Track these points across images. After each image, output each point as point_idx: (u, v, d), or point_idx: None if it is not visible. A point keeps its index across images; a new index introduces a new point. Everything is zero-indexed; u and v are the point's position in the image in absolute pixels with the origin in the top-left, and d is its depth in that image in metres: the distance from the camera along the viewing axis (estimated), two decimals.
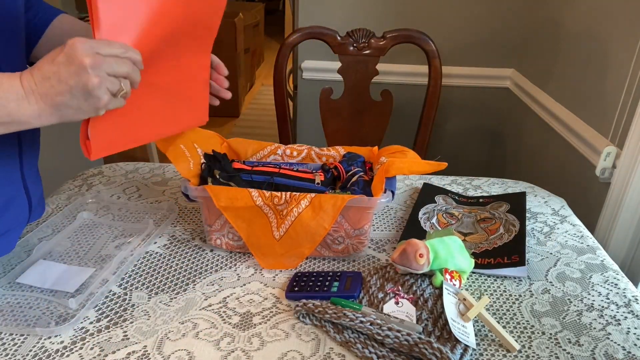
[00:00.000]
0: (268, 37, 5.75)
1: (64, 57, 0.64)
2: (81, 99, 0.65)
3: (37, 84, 0.65)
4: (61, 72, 0.64)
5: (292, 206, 0.87)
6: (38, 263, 0.89)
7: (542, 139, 1.70)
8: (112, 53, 0.66)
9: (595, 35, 1.40)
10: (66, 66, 0.64)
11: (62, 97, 0.65)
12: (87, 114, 0.67)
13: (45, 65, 0.65)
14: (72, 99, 0.65)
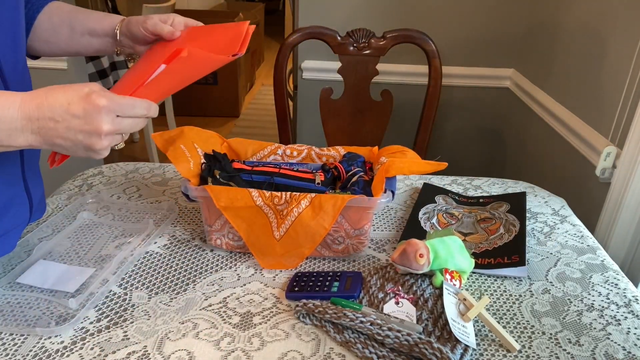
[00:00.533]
0: (268, 37, 5.75)
1: (83, 113, 0.62)
2: (80, 150, 0.65)
3: (40, 119, 0.62)
4: (73, 125, 0.62)
5: (292, 206, 0.87)
6: (38, 263, 0.89)
7: (542, 139, 1.70)
8: (134, 115, 0.66)
9: (595, 35, 1.40)
10: (81, 124, 0.62)
11: (62, 142, 0.64)
12: (78, 155, 0.67)
13: (58, 107, 0.62)
14: (72, 147, 0.64)
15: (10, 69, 0.78)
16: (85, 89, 0.64)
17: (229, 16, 4.06)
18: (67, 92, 0.63)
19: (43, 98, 0.62)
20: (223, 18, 3.99)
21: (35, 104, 0.62)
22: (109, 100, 0.63)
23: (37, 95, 0.63)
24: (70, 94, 0.63)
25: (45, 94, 0.63)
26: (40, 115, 0.62)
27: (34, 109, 0.62)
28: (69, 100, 0.62)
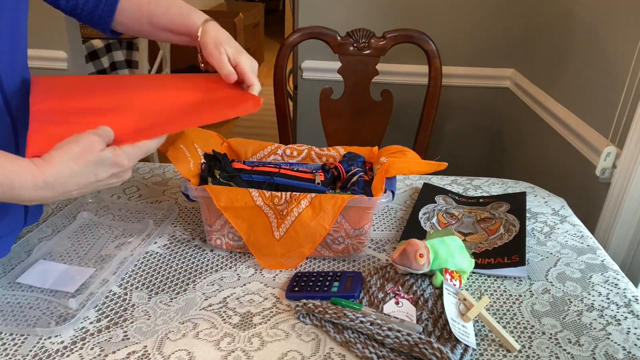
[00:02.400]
0: (268, 37, 5.74)
1: (109, 176, 0.68)
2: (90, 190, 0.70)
3: (64, 193, 0.66)
4: (104, 183, 0.69)
5: (292, 206, 0.87)
6: (38, 263, 0.89)
7: (542, 139, 1.70)
8: (144, 148, 0.70)
9: (595, 35, 1.40)
10: (113, 177, 0.69)
11: (77, 193, 0.68)
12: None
13: (85, 183, 0.66)
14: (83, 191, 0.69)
15: (8, 75, 0.77)
16: (107, 162, 0.67)
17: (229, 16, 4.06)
18: (87, 167, 0.66)
19: (65, 178, 0.65)
20: (223, 18, 3.99)
21: (60, 183, 0.65)
22: (133, 156, 0.69)
23: (59, 176, 0.65)
24: (93, 168, 0.66)
25: (65, 172, 0.65)
26: (65, 190, 0.66)
27: (57, 187, 0.65)
28: (95, 173, 0.67)
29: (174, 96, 0.84)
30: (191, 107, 0.81)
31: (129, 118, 0.76)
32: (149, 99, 0.82)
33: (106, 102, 0.80)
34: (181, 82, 0.89)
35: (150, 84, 0.89)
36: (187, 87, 0.87)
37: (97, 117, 0.75)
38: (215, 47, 0.86)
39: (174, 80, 0.92)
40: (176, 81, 0.90)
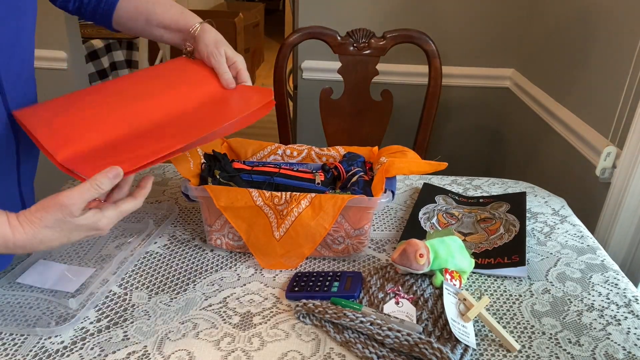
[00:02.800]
0: (268, 37, 5.75)
1: (83, 236, 0.68)
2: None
3: (34, 236, 0.65)
4: (77, 241, 0.70)
5: (292, 206, 0.87)
6: (38, 263, 0.89)
7: (542, 139, 1.70)
8: (126, 212, 0.71)
9: (595, 35, 1.40)
10: (88, 237, 0.69)
11: (55, 244, 0.68)
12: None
13: (55, 242, 0.66)
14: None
15: (11, 80, 0.77)
16: (84, 227, 0.67)
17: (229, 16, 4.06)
18: (62, 233, 0.66)
19: (37, 244, 0.66)
20: (223, 18, 3.99)
21: (32, 248, 0.66)
22: (113, 219, 0.69)
23: (30, 244, 0.65)
24: (67, 233, 0.66)
25: (35, 239, 0.65)
26: (38, 247, 0.67)
27: (28, 249, 0.66)
28: (67, 236, 0.67)
29: (181, 105, 0.84)
30: (203, 121, 0.81)
31: (137, 139, 0.75)
32: (150, 109, 0.81)
33: (110, 115, 0.79)
34: (184, 85, 0.89)
35: (150, 88, 0.88)
36: (191, 91, 0.87)
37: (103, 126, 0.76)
38: (215, 47, 0.89)
39: (173, 79, 0.91)
40: (177, 81, 0.90)
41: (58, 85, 1.98)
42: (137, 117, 0.79)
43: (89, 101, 0.81)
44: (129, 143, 0.74)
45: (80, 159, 0.70)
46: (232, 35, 3.93)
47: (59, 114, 0.77)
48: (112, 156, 0.70)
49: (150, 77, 0.90)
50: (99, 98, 0.82)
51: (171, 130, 0.77)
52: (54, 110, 0.77)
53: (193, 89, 0.88)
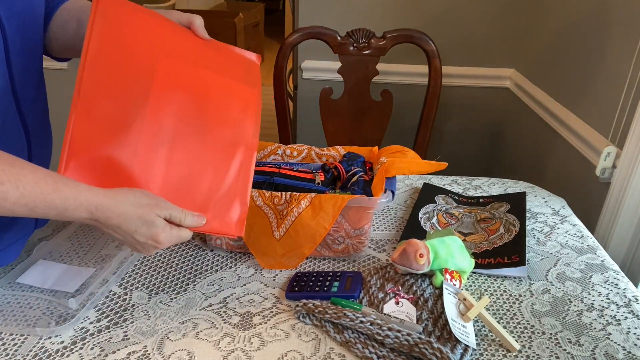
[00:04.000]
0: (268, 37, 5.74)
1: (143, 242, 0.71)
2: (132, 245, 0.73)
3: (105, 225, 0.69)
4: (133, 242, 0.71)
5: (292, 206, 0.87)
6: (38, 263, 0.89)
7: (542, 139, 1.70)
8: (180, 239, 0.73)
9: (595, 35, 1.40)
10: (140, 245, 0.71)
11: (119, 238, 0.71)
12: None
13: (124, 228, 0.69)
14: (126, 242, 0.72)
15: (24, 90, 0.78)
16: (153, 229, 0.70)
17: (229, 16, 4.06)
18: (137, 220, 0.69)
19: (114, 214, 0.68)
20: (223, 18, 3.99)
21: (105, 216, 0.68)
22: (170, 240, 0.72)
23: (108, 208, 0.68)
24: (140, 224, 0.69)
25: (117, 209, 0.68)
26: (107, 223, 0.68)
27: (101, 216, 0.68)
28: (136, 228, 0.69)
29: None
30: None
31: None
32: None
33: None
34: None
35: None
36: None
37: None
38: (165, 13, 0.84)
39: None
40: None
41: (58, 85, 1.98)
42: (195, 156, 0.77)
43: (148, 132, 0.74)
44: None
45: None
46: (232, 35, 3.93)
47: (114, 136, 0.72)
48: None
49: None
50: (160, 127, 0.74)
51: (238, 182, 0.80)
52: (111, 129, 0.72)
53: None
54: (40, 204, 0.64)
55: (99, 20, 0.71)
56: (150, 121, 0.73)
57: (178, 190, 0.75)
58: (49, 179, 0.65)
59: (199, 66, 0.79)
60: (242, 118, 0.81)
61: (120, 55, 0.73)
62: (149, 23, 0.76)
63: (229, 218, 0.78)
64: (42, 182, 0.64)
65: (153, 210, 0.69)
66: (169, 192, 0.74)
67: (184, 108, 0.76)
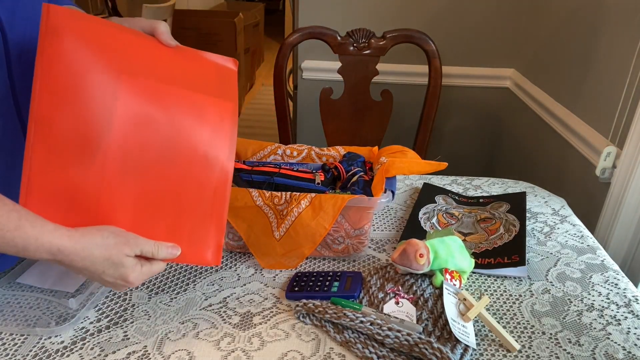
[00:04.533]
0: (268, 37, 5.75)
1: (113, 282, 0.69)
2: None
3: (70, 266, 0.66)
4: (103, 281, 0.69)
5: (292, 206, 0.87)
6: (38, 263, 0.89)
7: (543, 139, 1.70)
8: (152, 273, 0.71)
9: (595, 35, 1.40)
10: (110, 284, 0.69)
11: (86, 275, 0.69)
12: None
13: (91, 270, 0.67)
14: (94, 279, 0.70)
15: (25, 95, 0.77)
16: (122, 270, 0.68)
17: (229, 16, 4.06)
18: (104, 262, 0.67)
19: (78, 257, 0.65)
20: (223, 18, 3.99)
21: (69, 259, 0.65)
22: (141, 278, 0.70)
23: (73, 252, 0.65)
24: (107, 266, 0.67)
25: (82, 252, 0.65)
26: (71, 265, 0.66)
27: (65, 259, 0.65)
28: (104, 269, 0.67)
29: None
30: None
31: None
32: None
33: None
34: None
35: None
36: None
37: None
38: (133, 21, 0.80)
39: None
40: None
41: None
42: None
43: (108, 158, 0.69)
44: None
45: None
46: (232, 35, 3.92)
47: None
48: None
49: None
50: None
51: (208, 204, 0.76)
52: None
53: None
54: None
55: (50, 38, 0.65)
56: (116, 148, 0.68)
57: (149, 220, 0.71)
58: (12, 214, 0.62)
59: (166, 83, 0.72)
60: (215, 138, 0.75)
61: (76, 76, 0.66)
62: (108, 37, 0.69)
63: (205, 247, 0.75)
64: (5, 218, 0.61)
65: (122, 250, 0.67)
66: (140, 222, 0.70)
67: (152, 132, 0.70)
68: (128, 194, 0.70)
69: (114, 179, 0.68)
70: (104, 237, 0.66)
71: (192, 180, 0.73)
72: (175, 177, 0.72)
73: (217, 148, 0.75)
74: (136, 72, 0.70)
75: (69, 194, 0.67)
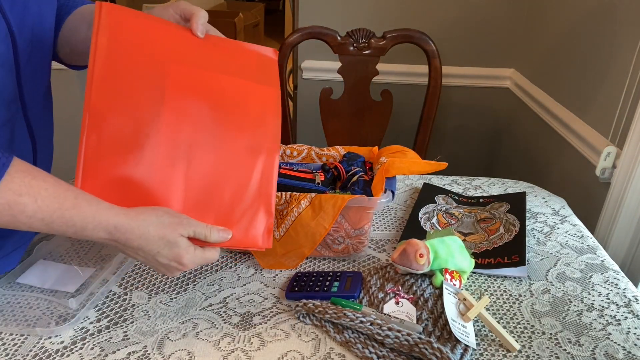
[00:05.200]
0: (268, 37, 5.74)
1: (166, 264, 0.69)
2: (155, 267, 0.72)
3: (125, 247, 0.67)
4: (156, 264, 0.70)
5: (292, 206, 0.87)
6: (38, 263, 0.89)
7: (542, 139, 1.70)
8: (205, 260, 0.72)
9: (595, 35, 1.40)
10: (163, 267, 0.70)
11: (140, 259, 0.70)
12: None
13: (146, 250, 0.67)
14: (147, 263, 0.71)
15: (32, 97, 0.78)
16: (176, 250, 0.68)
17: (229, 16, 4.06)
18: (159, 240, 0.67)
19: (135, 235, 0.66)
20: (223, 18, 3.99)
21: (125, 237, 0.66)
22: (194, 261, 0.70)
23: (129, 229, 0.66)
24: (162, 245, 0.68)
25: (138, 230, 0.66)
26: (127, 244, 0.67)
27: (121, 237, 0.66)
28: (158, 249, 0.68)
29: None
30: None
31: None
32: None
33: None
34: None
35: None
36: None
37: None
38: (173, 5, 0.81)
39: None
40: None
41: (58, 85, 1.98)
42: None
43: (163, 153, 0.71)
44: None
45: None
46: (232, 35, 3.93)
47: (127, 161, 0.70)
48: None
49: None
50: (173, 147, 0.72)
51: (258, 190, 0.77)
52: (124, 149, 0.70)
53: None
54: (57, 220, 0.62)
55: (104, 32, 0.69)
56: (166, 134, 0.70)
57: (200, 205, 0.72)
58: (69, 193, 0.63)
59: (211, 70, 0.75)
60: (261, 121, 0.78)
61: (128, 68, 0.70)
62: (154, 30, 0.73)
63: (255, 230, 0.76)
64: (62, 197, 0.62)
65: (176, 230, 0.67)
66: (190, 207, 0.72)
67: (200, 117, 0.73)
68: (178, 180, 0.71)
69: (164, 167, 0.70)
70: (159, 216, 0.67)
71: (240, 164, 0.75)
72: (223, 162, 0.74)
73: (264, 129, 0.77)
74: (182, 61, 0.73)
75: (121, 182, 0.68)
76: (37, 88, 0.79)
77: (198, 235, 0.69)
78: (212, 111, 0.74)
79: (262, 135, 0.77)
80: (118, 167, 0.68)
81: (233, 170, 0.75)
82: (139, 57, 0.71)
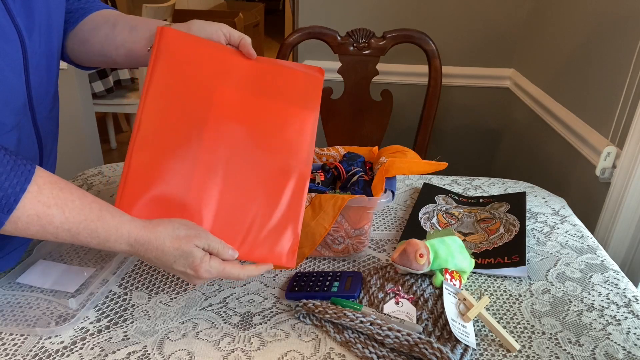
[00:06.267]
0: (268, 37, 5.75)
1: (183, 272, 0.71)
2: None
3: (144, 256, 0.69)
4: (174, 271, 0.71)
5: None
6: (38, 263, 0.89)
7: (542, 139, 1.70)
8: (229, 276, 0.73)
9: (595, 35, 1.40)
10: (181, 274, 0.71)
11: (160, 267, 0.72)
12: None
13: (164, 260, 0.69)
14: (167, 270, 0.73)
15: (40, 102, 0.78)
16: (191, 259, 0.69)
17: (229, 16, 4.06)
18: (174, 251, 0.69)
19: (152, 246, 0.69)
20: (223, 18, 3.99)
21: (144, 249, 0.69)
22: (210, 271, 0.71)
23: (147, 241, 0.68)
24: (177, 256, 0.69)
25: (155, 242, 0.69)
26: (145, 255, 0.70)
27: (140, 249, 0.69)
28: (174, 259, 0.69)
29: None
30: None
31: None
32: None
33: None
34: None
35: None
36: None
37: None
38: (218, 27, 0.83)
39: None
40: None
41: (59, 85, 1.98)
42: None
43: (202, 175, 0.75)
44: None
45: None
46: None
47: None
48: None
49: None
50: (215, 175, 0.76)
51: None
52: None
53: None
54: (83, 231, 0.65)
55: (162, 56, 0.74)
56: (205, 153, 0.75)
57: (230, 223, 0.75)
58: (94, 205, 0.66)
59: (254, 94, 0.80)
60: (296, 145, 0.81)
61: (180, 89, 0.75)
62: (207, 55, 0.78)
63: (281, 248, 0.78)
64: (87, 209, 0.65)
65: (191, 241, 0.69)
66: (220, 225, 0.75)
67: (238, 139, 0.77)
68: (212, 197, 0.75)
69: (201, 184, 0.74)
70: (175, 228, 0.69)
71: (272, 185, 0.79)
72: (256, 182, 0.78)
73: (297, 153, 0.81)
74: (229, 84, 0.78)
75: (160, 198, 0.72)
76: (45, 92, 0.80)
77: (212, 249, 0.71)
78: (250, 133, 0.78)
79: (296, 159, 0.81)
80: (159, 184, 0.72)
81: (264, 190, 0.78)
82: (190, 81, 0.76)
